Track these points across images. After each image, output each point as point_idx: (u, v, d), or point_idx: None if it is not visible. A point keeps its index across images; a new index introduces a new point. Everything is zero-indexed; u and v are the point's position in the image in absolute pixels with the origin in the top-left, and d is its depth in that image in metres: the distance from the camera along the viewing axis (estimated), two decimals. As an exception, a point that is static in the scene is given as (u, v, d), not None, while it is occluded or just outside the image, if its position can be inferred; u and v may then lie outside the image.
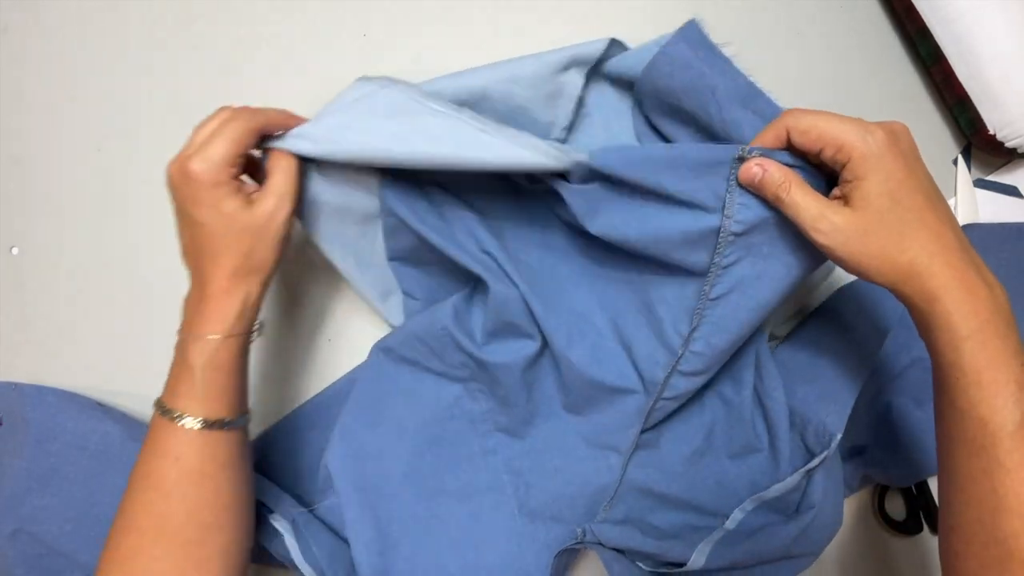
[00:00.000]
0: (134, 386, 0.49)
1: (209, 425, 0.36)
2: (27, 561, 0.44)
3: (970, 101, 0.54)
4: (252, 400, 0.42)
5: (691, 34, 0.43)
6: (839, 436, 0.45)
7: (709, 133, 0.42)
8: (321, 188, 0.42)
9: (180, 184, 0.36)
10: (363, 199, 0.44)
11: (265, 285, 0.39)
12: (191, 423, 0.35)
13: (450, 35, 0.53)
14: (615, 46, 0.47)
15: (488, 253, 0.45)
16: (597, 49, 0.45)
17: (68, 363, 0.49)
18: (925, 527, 0.54)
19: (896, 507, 0.55)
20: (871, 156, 0.32)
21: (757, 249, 0.38)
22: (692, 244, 0.39)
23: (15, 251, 0.50)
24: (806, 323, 0.51)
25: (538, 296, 0.45)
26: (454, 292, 0.47)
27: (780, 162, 0.35)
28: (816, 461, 0.45)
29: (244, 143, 0.37)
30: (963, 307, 0.31)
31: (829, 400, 0.48)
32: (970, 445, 0.31)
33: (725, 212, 0.37)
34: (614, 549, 0.45)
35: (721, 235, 0.37)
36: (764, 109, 0.41)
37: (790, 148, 0.35)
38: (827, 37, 0.58)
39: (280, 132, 0.39)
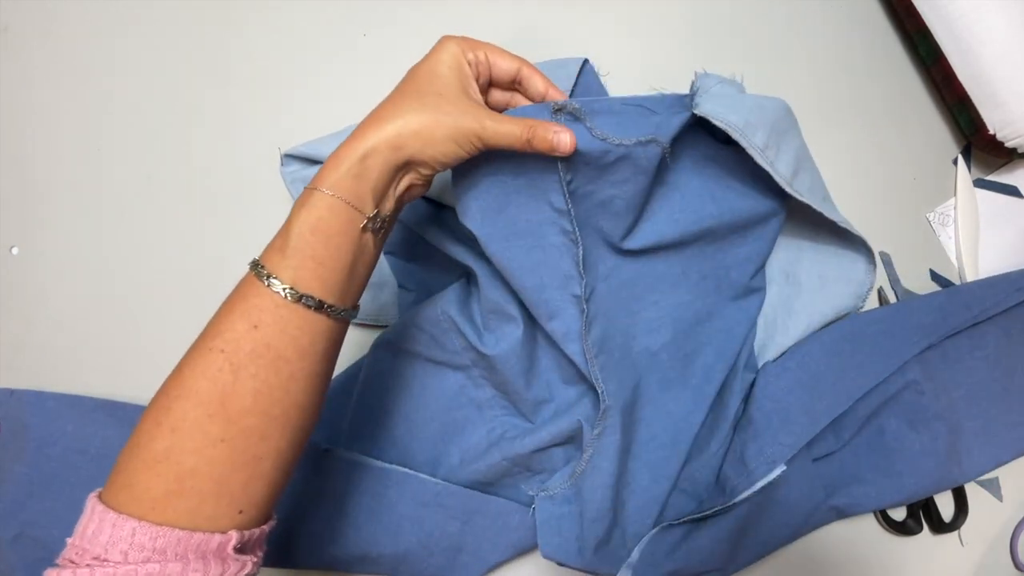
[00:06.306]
0: (135, 388, 0.49)
1: (297, 298, 0.31)
2: (29, 566, 0.43)
3: (970, 101, 0.54)
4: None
5: None
6: (782, 467, 0.45)
7: None
8: None
9: (457, 43, 0.35)
10: None
11: (391, 173, 0.34)
12: (278, 287, 0.31)
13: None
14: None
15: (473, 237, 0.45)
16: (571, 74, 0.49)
17: (68, 364, 0.49)
18: (925, 527, 0.54)
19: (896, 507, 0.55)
20: None
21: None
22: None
23: (15, 251, 0.49)
24: (799, 348, 0.51)
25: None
26: (448, 283, 0.48)
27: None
28: (746, 494, 0.45)
29: (507, 71, 0.38)
30: None
31: (787, 430, 0.47)
32: None
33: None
34: None
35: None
36: None
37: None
38: (827, 37, 0.58)
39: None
